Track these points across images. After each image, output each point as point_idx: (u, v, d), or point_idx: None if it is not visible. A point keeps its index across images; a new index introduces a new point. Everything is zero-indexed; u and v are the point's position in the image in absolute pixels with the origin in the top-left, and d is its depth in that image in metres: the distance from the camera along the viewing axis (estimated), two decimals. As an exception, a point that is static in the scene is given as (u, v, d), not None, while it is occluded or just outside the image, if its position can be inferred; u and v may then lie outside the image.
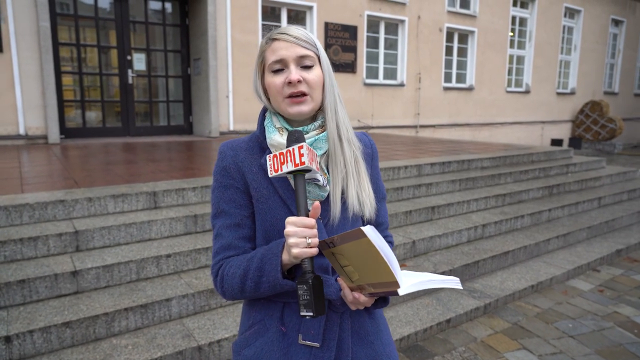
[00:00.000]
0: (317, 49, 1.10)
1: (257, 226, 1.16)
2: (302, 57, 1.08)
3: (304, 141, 1.03)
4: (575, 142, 13.94)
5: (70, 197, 3.36)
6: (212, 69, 7.82)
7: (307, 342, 1.12)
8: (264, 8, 8.55)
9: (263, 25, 8.53)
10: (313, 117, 1.15)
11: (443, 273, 3.62)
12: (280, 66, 1.08)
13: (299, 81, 1.07)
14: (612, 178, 6.90)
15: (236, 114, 8.34)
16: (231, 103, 8.24)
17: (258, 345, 1.15)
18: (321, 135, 1.11)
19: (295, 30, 1.09)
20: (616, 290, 3.89)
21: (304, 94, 1.08)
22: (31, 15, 6.53)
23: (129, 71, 7.86)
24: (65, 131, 7.46)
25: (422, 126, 11.00)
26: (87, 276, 2.79)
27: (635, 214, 5.77)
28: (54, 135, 6.84)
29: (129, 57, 7.84)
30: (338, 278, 1.08)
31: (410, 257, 3.87)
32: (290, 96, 1.08)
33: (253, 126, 8.45)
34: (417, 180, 5.06)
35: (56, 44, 7.15)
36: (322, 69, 1.11)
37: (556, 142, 13.50)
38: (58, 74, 7.23)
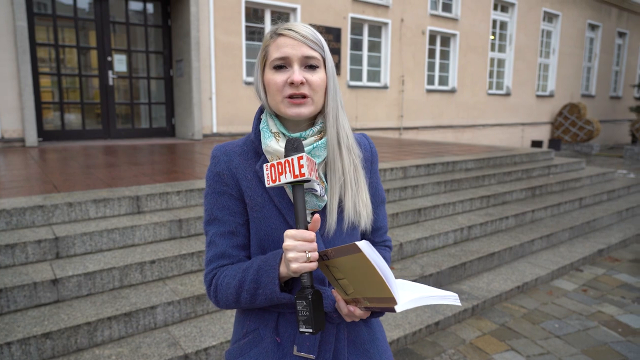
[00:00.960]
0: (324, 51, 1.05)
1: (251, 234, 1.12)
2: (308, 57, 1.03)
3: (304, 150, 0.99)
4: (555, 143, 14.19)
5: (50, 202, 3.26)
6: (194, 70, 7.72)
7: (303, 354, 1.08)
8: (247, 9, 8.49)
9: (247, 27, 8.46)
10: (311, 122, 1.11)
11: (430, 276, 3.62)
12: (283, 63, 1.03)
13: (302, 83, 1.02)
14: (592, 179, 7.03)
15: (219, 116, 8.25)
16: (214, 105, 8.15)
17: (252, 355, 1.11)
18: (320, 142, 1.06)
19: (303, 27, 1.04)
20: (599, 290, 3.94)
21: (304, 96, 1.03)
22: (7, 14, 6.35)
23: (110, 72, 7.70)
24: (44, 134, 7.27)
25: (405, 128, 11.06)
26: (68, 284, 2.70)
27: (615, 214, 5.89)
28: (32, 138, 6.66)
29: (109, 58, 7.69)
30: (333, 290, 1.04)
31: (398, 260, 3.86)
32: (291, 97, 1.03)
33: (237, 128, 8.38)
34: (402, 182, 5.07)
35: (33, 45, 6.97)
36: (326, 72, 1.06)
37: (536, 144, 13.72)
38: (36, 75, 7.05)
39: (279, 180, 0.96)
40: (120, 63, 7.87)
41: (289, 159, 0.95)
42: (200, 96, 7.88)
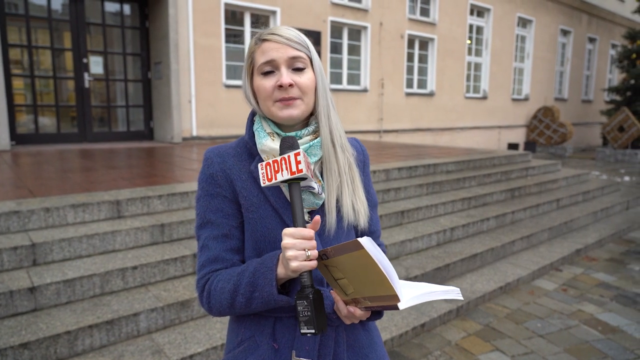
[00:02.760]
0: (309, 51, 1.05)
1: (246, 237, 1.09)
2: (294, 58, 1.03)
3: (299, 148, 0.98)
4: (530, 146, 14.50)
5: (25, 207, 3.14)
6: (173, 73, 7.61)
7: (302, 359, 1.06)
8: (226, 12, 8.42)
9: (226, 29, 8.39)
10: (305, 122, 1.10)
11: (415, 277, 3.63)
12: (270, 68, 1.03)
13: (291, 85, 1.01)
14: (568, 180, 7.19)
15: (199, 120, 8.15)
16: (194, 108, 8.04)
17: (248, 364, 1.08)
18: (315, 141, 1.06)
19: (287, 30, 1.04)
20: (578, 289, 4.03)
21: (294, 99, 1.03)
22: (-23, 14, 6.14)
23: (86, 74, 7.52)
24: (17, 137, 7.05)
25: (385, 131, 11.14)
26: (46, 292, 2.61)
27: (591, 215, 6.03)
28: (4, 141, 6.44)
29: (85, 60, 7.51)
30: (331, 291, 1.02)
31: (382, 262, 3.86)
32: (281, 100, 1.03)
33: (217, 132, 8.29)
34: (385, 185, 5.09)
35: (5, 46, 6.75)
36: (314, 72, 1.06)
37: (512, 146, 13.99)
38: (7, 77, 6.83)
39: (276, 179, 0.94)
40: (96, 65, 7.70)
41: (285, 156, 0.93)
42: (180, 99, 7.77)
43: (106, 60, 7.80)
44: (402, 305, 0.87)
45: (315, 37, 9.50)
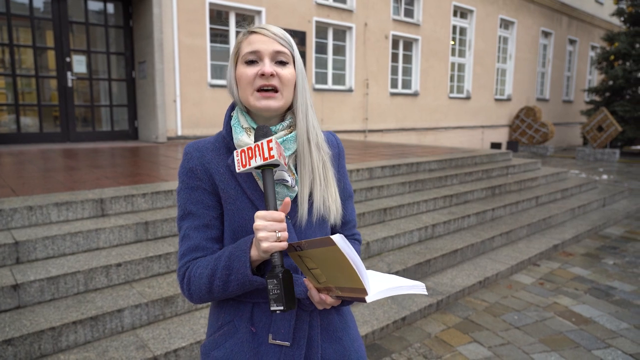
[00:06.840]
0: (293, 50, 1.11)
1: (225, 227, 1.14)
2: (278, 52, 1.08)
3: (272, 135, 1.03)
4: (513, 145, 14.75)
5: (8, 206, 3.14)
6: (158, 72, 7.60)
7: (278, 342, 1.11)
8: (211, 12, 8.43)
9: (211, 29, 8.40)
10: (281, 117, 1.15)
11: (397, 273, 3.71)
12: (255, 58, 1.08)
13: (272, 75, 1.06)
14: (547, 178, 7.36)
15: (184, 119, 8.15)
16: (179, 108, 8.04)
17: (228, 346, 1.14)
18: (290, 135, 1.11)
19: (274, 27, 1.11)
20: (555, 283, 4.15)
21: (275, 90, 1.08)
22: (-43, 12, 6.07)
23: (69, 74, 7.47)
24: (-3, 137, 6.98)
25: (370, 131, 11.24)
26: (29, 289, 2.62)
27: (568, 212, 6.19)
28: (-15, 141, 6.38)
29: (68, 59, 7.46)
30: (305, 279, 1.07)
31: (365, 259, 3.94)
32: (261, 89, 1.07)
33: (202, 131, 8.29)
34: (368, 183, 5.17)
35: (-14, 44, 6.69)
36: (295, 70, 1.11)
37: (495, 146, 14.22)
38: (-12, 76, 6.76)
39: (249, 165, 0.99)
40: (79, 64, 7.65)
41: (259, 143, 0.98)
42: (164, 98, 7.76)
43: (89, 60, 7.76)
44: (369, 299, 0.93)
45: (300, 37, 9.56)
